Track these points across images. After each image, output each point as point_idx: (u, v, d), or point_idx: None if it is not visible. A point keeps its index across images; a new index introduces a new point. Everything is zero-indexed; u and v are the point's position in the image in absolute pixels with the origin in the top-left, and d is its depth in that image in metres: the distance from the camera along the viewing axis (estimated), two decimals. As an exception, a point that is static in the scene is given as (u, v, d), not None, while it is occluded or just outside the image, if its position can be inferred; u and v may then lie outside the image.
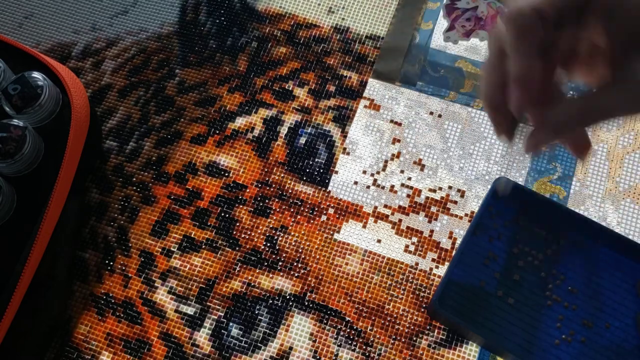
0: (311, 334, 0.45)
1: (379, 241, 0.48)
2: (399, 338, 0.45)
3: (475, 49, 0.54)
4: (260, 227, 0.49)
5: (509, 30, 0.31)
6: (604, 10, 0.30)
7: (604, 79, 0.32)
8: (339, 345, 0.45)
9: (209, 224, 0.49)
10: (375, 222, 0.48)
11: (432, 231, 0.48)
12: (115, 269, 0.48)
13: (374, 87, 0.53)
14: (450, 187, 0.49)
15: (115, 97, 0.54)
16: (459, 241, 0.47)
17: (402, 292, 0.46)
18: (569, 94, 0.32)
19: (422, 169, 0.50)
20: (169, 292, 0.47)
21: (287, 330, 0.45)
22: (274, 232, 0.48)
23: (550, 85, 0.32)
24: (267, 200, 0.49)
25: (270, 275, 0.47)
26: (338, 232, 0.48)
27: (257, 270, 0.47)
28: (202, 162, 0.51)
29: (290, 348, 0.45)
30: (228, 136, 0.52)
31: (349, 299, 0.46)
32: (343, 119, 0.52)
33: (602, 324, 0.43)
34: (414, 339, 0.45)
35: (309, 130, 0.52)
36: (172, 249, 0.48)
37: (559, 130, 0.32)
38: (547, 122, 0.32)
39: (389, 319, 0.45)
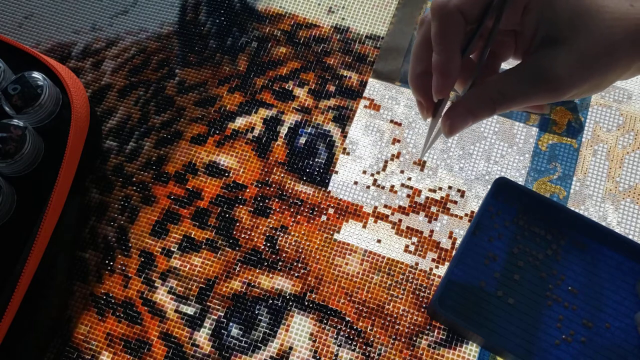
0: (311, 334, 0.45)
1: (379, 241, 0.48)
2: (399, 338, 0.45)
3: (475, 49, 0.54)
4: (260, 227, 0.49)
5: (433, 24, 0.33)
6: (522, 4, 0.33)
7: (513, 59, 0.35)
8: (339, 345, 0.45)
9: (209, 224, 0.49)
10: (375, 222, 0.48)
11: (432, 231, 0.48)
12: (115, 269, 0.48)
13: (374, 87, 0.53)
14: (450, 187, 0.49)
15: (115, 97, 0.54)
16: (459, 241, 0.47)
17: (402, 292, 0.46)
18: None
19: (422, 169, 0.50)
20: (169, 292, 0.47)
21: (287, 330, 0.45)
22: (274, 232, 0.48)
23: (469, 73, 0.35)
24: (267, 200, 0.49)
25: (270, 275, 0.47)
26: (338, 232, 0.48)
27: (257, 270, 0.47)
28: (202, 162, 0.51)
29: (290, 348, 0.45)
30: (228, 136, 0.52)
31: (349, 299, 0.46)
32: (343, 119, 0.52)
33: (602, 324, 0.43)
34: (414, 339, 0.45)
35: (309, 130, 0.52)
36: (172, 249, 0.48)
37: (473, 112, 0.33)
38: (461, 103, 0.34)
39: (389, 319, 0.45)
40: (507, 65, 0.36)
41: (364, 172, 0.50)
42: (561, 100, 0.35)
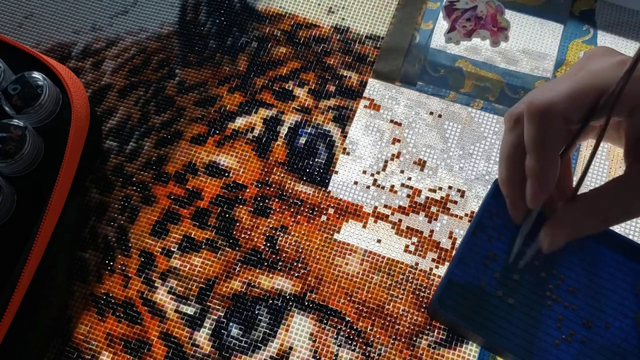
0: (311, 334, 0.45)
1: (379, 241, 0.48)
2: (399, 338, 0.45)
3: (475, 49, 0.54)
4: (260, 227, 0.49)
5: (532, 128, 0.30)
6: (632, 109, 0.29)
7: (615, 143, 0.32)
8: (339, 345, 0.45)
9: (209, 224, 0.49)
10: (375, 222, 0.48)
11: (432, 231, 0.48)
12: (115, 269, 0.48)
13: (374, 87, 0.53)
14: (450, 187, 0.49)
15: (115, 97, 0.54)
16: (459, 241, 0.47)
17: (402, 292, 0.46)
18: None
19: (422, 169, 0.50)
20: (169, 292, 0.47)
21: (287, 330, 0.45)
22: (274, 232, 0.48)
23: (566, 179, 0.32)
24: (267, 200, 0.49)
25: (270, 275, 0.47)
26: (338, 232, 0.48)
27: (257, 270, 0.47)
28: (202, 162, 0.51)
29: (290, 348, 0.45)
30: (228, 136, 0.52)
31: (349, 299, 0.46)
32: (343, 119, 0.52)
33: (602, 324, 0.43)
34: (414, 339, 0.45)
35: (309, 130, 0.52)
36: (172, 249, 0.48)
37: (578, 228, 0.31)
38: (564, 218, 0.31)
39: (389, 319, 0.45)
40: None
41: (364, 172, 0.50)
42: None
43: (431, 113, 0.52)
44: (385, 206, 0.49)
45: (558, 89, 0.30)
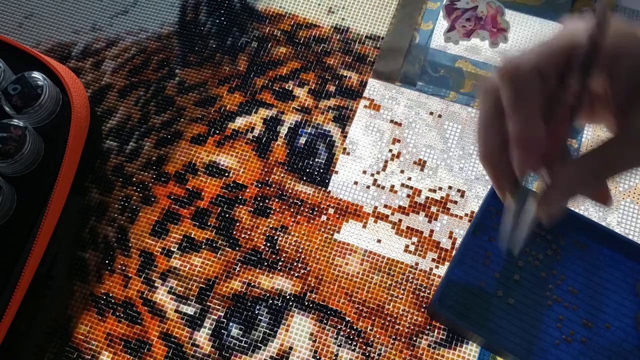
0: (311, 334, 0.45)
1: (379, 241, 0.48)
2: (399, 338, 0.45)
3: (475, 49, 0.54)
4: (260, 227, 0.49)
5: (505, 89, 0.29)
6: (611, 58, 0.28)
7: (605, 123, 0.31)
8: (339, 345, 0.45)
9: (209, 224, 0.49)
10: (375, 222, 0.48)
11: (432, 231, 0.48)
12: (115, 269, 0.48)
13: (374, 87, 0.53)
14: (450, 187, 0.49)
15: (115, 97, 0.54)
16: (459, 241, 0.47)
17: (402, 292, 0.46)
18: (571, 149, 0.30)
19: (422, 169, 0.50)
20: (169, 292, 0.47)
21: (287, 330, 0.45)
22: (274, 232, 0.48)
23: (555, 143, 0.30)
24: (267, 200, 0.49)
25: (270, 275, 0.47)
26: (338, 232, 0.48)
27: (257, 270, 0.47)
28: (202, 162, 0.51)
29: (290, 348, 0.45)
30: (228, 136, 0.52)
31: (349, 299, 0.46)
32: (343, 119, 0.52)
33: (602, 324, 0.43)
34: (414, 339, 0.45)
35: (309, 130, 0.52)
36: (172, 249, 0.48)
37: (574, 192, 0.30)
38: (559, 184, 0.30)
39: (389, 319, 0.45)
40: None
41: (364, 172, 0.50)
42: None
43: (431, 113, 0.52)
44: (385, 206, 0.49)
45: (530, 50, 0.29)
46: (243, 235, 0.48)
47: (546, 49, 0.29)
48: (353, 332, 0.45)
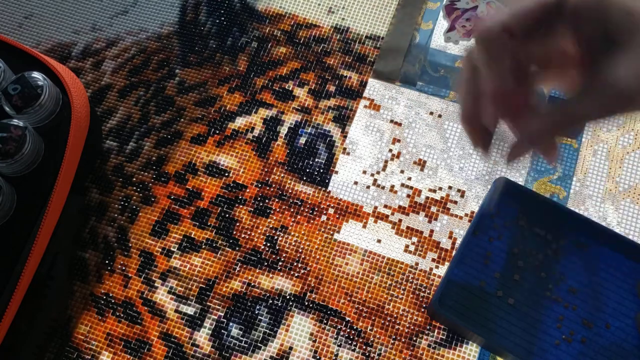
0: (311, 334, 0.45)
1: (379, 241, 0.48)
2: (399, 338, 0.45)
3: (475, 49, 0.54)
4: (260, 227, 0.49)
5: (479, 50, 0.32)
6: (572, 13, 0.30)
7: (575, 84, 0.33)
8: (339, 345, 0.45)
9: (209, 224, 0.49)
10: (375, 222, 0.48)
11: (432, 231, 0.48)
12: (115, 269, 0.48)
13: (374, 87, 0.53)
14: (450, 187, 0.49)
15: (115, 97, 0.54)
16: (459, 241, 0.47)
17: (402, 292, 0.46)
18: (543, 102, 0.33)
19: (422, 169, 0.50)
20: (169, 292, 0.47)
21: (287, 330, 0.45)
22: (274, 232, 0.48)
23: (524, 98, 0.33)
24: (267, 200, 0.49)
25: (270, 275, 0.47)
26: (338, 232, 0.48)
27: (257, 270, 0.47)
28: (202, 162, 0.51)
29: (290, 348, 0.45)
30: (228, 136, 0.52)
31: (349, 299, 0.46)
32: (343, 119, 0.52)
33: (602, 324, 0.43)
34: (414, 339, 0.45)
35: (309, 130, 0.52)
36: (172, 249, 0.48)
37: (535, 140, 0.33)
38: (523, 134, 0.32)
39: (389, 319, 0.45)
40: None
41: (364, 172, 0.50)
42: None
43: (431, 113, 0.52)
44: (385, 206, 0.49)
45: (501, 12, 0.32)
46: (243, 235, 0.48)
47: (515, 10, 0.31)
48: (353, 332, 0.45)
